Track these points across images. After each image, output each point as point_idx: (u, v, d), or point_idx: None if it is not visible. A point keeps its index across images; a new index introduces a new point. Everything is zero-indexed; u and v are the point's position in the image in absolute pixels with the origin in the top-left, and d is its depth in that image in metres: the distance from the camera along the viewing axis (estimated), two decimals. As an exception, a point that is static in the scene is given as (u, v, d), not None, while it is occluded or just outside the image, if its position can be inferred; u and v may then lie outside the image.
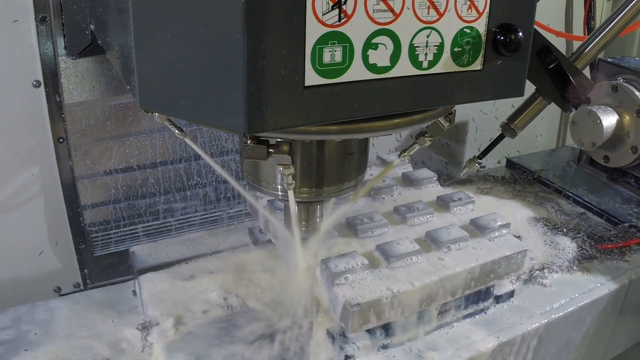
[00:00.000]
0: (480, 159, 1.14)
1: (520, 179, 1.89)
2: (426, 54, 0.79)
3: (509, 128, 1.12)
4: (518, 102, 1.14)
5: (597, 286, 1.37)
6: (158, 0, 0.71)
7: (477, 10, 0.81)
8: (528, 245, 1.43)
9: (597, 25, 1.89)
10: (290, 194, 0.98)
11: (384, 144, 1.87)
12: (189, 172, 1.54)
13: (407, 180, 1.47)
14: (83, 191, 1.43)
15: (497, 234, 1.23)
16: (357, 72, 0.75)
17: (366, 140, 1.06)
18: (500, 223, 1.24)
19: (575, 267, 1.43)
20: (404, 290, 1.06)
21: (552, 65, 0.99)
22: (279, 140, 0.87)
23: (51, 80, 1.31)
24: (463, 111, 2.00)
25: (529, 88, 0.98)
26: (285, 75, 0.70)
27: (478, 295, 1.21)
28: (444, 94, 0.83)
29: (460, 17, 0.80)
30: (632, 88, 1.65)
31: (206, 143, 1.53)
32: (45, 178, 1.39)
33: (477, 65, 0.84)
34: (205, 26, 0.69)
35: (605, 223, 1.66)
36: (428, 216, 1.28)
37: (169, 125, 0.98)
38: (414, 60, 0.78)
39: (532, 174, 1.90)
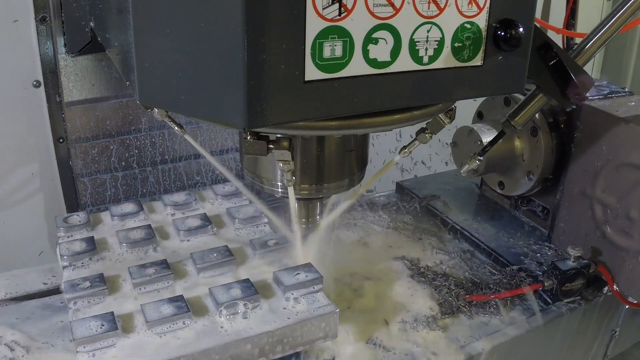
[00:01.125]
0: (481, 157, 1.14)
1: (406, 206, 1.58)
2: (426, 49, 0.79)
3: (509, 125, 1.12)
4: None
5: (448, 349, 1.10)
6: (158, -5, 0.71)
7: (478, 6, 0.80)
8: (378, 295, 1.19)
9: (593, 24, 1.87)
10: (290, 190, 0.97)
11: (384, 143, 1.87)
12: (189, 170, 1.53)
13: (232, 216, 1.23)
14: (83, 190, 1.42)
15: (303, 291, 1.00)
16: (357, 67, 0.74)
17: (366, 137, 1.06)
18: (309, 277, 1.01)
19: (429, 325, 1.15)
20: None
21: (552, 62, 0.99)
22: (278, 135, 0.87)
23: (51, 80, 1.31)
24: (463, 111, 2.00)
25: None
26: (286, 70, 0.70)
27: None
28: (445, 89, 0.83)
29: (460, 12, 0.79)
30: None
31: (206, 141, 1.52)
32: (45, 177, 1.40)
33: (477, 61, 0.83)
34: (205, 21, 0.69)
35: (491, 264, 1.36)
36: (226, 267, 1.07)
37: (168, 122, 0.98)
38: (415, 55, 0.78)
39: (420, 201, 1.60)
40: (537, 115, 1.34)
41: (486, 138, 1.37)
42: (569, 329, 1.29)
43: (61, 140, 1.37)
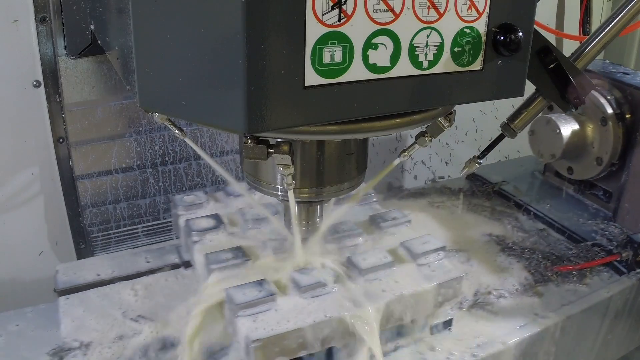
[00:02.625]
0: (481, 159, 1.14)
1: (478, 191, 1.74)
2: (426, 54, 0.79)
3: (509, 128, 1.12)
4: (518, 102, 1.14)
5: (549, 314, 1.23)
6: (158, 0, 0.71)
7: (477, 10, 0.80)
8: (476, 266, 1.34)
9: (593, 26, 1.88)
10: (290, 194, 0.98)
11: (384, 144, 1.87)
12: (189, 172, 1.54)
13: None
14: (83, 191, 1.43)
15: (429, 258, 1.11)
16: (357, 72, 0.75)
17: (366, 140, 1.06)
18: (433, 246, 1.12)
19: (526, 292, 1.29)
20: (311, 325, 0.96)
21: (552, 65, 0.99)
22: (279, 140, 0.87)
23: (51, 80, 1.31)
24: (463, 111, 2.00)
25: (529, 88, 0.98)
26: (285, 75, 0.70)
27: (409, 325, 1.10)
28: (444, 94, 0.83)
29: (460, 17, 0.80)
30: (596, 95, 1.52)
31: (206, 143, 1.53)
32: (46, 178, 1.40)
33: (477, 65, 0.84)
34: (205, 26, 0.69)
35: (566, 241, 1.51)
36: (355, 238, 1.17)
37: (169, 125, 0.98)
38: (414, 60, 0.78)
39: (492, 186, 1.75)
40: (606, 108, 1.52)
41: (564, 127, 1.52)
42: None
43: (61, 140, 1.37)
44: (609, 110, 1.53)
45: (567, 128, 1.54)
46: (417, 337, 1.14)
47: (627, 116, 1.53)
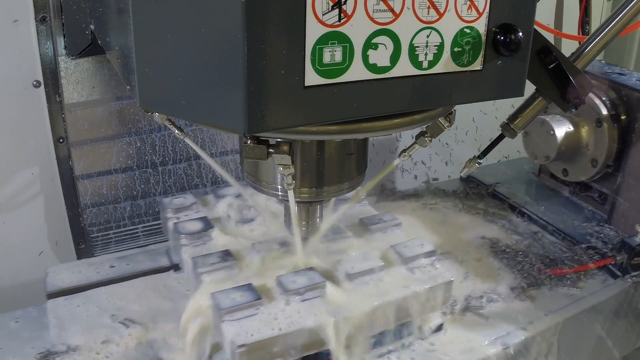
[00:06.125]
0: (481, 159, 1.14)
1: (472, 193, 1.74)
2: (426, 54, 0.79)
3: (509, 128, 1.11)
4: (518, 102, 1.14)
5: (541, 318, 1.22)
6: (158, 0, 0.71)
7: (477, 10, 0.81)
8: (467, 270, 1.33)
9: (592, 26, 1.87)
10: (290, 194, 0.98)
11: (384, 144, 1.87)
12: (189, 172, 1.54)
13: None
14: (83, 191, 1.43)
15: (418, 262, 1.11)
16: (357, 72, 0.75)
17: (366, 140, 1.06)
18: (423, 250, 1.11)
19: (518, 296, 1.29)
20: (294, 330, 0.95)
21: (552, 65, 0.99)
22: (279, 140, 0.87)
23: (51, 80, 1.31)
24: (463, 111, 2.00)
25: (529, 88, 0.98)
26: (285, 75, 0.70)
27: (395, 331, 1.09)
28: (444, 94, 0.83)
29: (460, 17, 0.80)
30: (591, 96, 1.50)
31: (206, 143, 1.53)
32: (46, 178, 1.40)
33: (477, 65, 0.84)
34: (205, 26, 0.69)
35: (561, 243, 1.51)
36: (342, 241, 1.16)
37: (169, 125, 0.98)
38: (414, 60, 0.78)
39: (485, 188, 1.75)
40: (601, 109, 1.50)
41: (558, 128, 1.52)
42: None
43: (61, 140, 1.37)
44: (604, 112, 1.51)
45: (562, 129, 1.53)
46: (408, 342, 1.12)
47: (623, 117, 1.51)
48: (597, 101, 1.52)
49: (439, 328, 1.16)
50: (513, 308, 1.25)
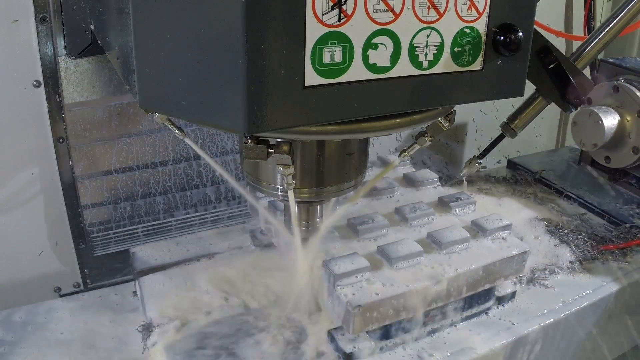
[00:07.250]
0: (481, 159, 1.14)
1: (521, 179, 1.90)
2: (426, 54, 0.79)
3: (509, 128, 1.12)
4: (518, 102, 1.15)
5: (598, 287, 1.37)
6: (158, 0, 0.71)
7: (477, 10, 0.81)
8: (529, 245, 1.41)
9: (598, 25, 1.89)
10: (290, 194, 0.98)
11: (384, 144, 1.87)
12: (189, 172, 1.54)
13: (408, 181, 1.47)
14: (83, 191, 1.42)
15: (498, 234, 1.23)
16: (357, 72, 0.75)
17: (366, 140, 1.06)
18: (502, 224, 1.24)
19: (576, 268, 1.44)
20: (405, 292, 1.06)
21: (552, 65, 0.99)
22: (279, 140, 0.87)
23: (51, 80, 1.30)
24: (463, 111, 2.00)
25: (529, 88, 0.98)
26: (285, 75, 0.70)
27: (479, 296, 1.21)
28: (444, 94, 0.83)
29: (460, 17, 0.80)
30: (633, 88, 1.64)
31: (207, 143, 1.53)
32: (46, 178, 1.39)
33: (477, 65, 0.84)
34: (205, 26, 0.69)
35: (606, 224, 1.66)
36: (429, 217, 1.28)
37: (169, 126, 0.98)
38: (414, 60, 0.78)
39: (533, 175, 1.91)
40: None
41: (606, 118, 1.63)
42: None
43: (61, 140, 1.37)
44: None
45: (609, 119, 1.65)
46: (484, 308, 1.25)
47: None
48: (638, 93, 1.63)
49: (513, 295, 1.29)
50: (574, 279, 1.41)
